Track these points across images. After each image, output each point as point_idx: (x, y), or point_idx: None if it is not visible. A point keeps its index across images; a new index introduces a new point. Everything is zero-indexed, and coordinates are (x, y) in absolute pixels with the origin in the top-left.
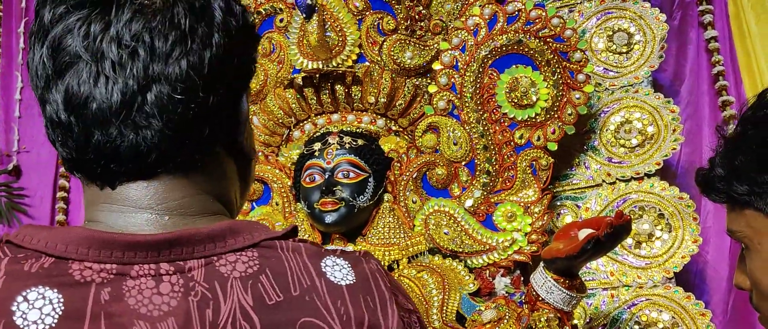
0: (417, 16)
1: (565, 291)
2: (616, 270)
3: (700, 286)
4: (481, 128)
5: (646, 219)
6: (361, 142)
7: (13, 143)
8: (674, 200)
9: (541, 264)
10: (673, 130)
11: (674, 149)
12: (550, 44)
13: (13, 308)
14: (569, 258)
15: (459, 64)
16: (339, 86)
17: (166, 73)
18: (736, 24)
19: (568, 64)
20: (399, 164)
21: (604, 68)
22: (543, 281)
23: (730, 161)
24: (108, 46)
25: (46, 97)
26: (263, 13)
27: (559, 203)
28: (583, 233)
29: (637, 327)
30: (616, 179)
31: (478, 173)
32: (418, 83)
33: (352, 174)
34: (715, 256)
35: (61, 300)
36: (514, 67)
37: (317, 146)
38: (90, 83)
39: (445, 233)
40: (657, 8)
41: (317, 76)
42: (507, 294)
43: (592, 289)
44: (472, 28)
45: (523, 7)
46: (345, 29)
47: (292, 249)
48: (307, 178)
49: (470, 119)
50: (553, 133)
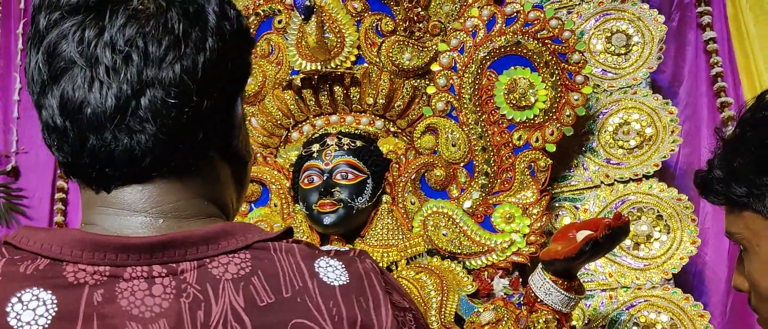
0: (415, 18)
1: (563, 292)
2: (614, 271)
3: (698, 287)
4: (480, 130)
5: (645, 221)
6: (359, 143)
7: (12, 144)
8: (673, 202)
9: (540, 266)
10: (672, 131)
11: (673, 150)
12: (549, 46)
13: (8, 309)
14: (567, 260)
15: (457, 65)
16: (337, 87)
17: (160, 77)
18: (735, 25)
19: (566, 66)
20: (397, 166)
21: (603, 70)
22: (541, 282)
23: (728, 163)
24: (102, 51)
25: (42, 102)
26: (262, 14)
27: (557, 205)
28: (582, 235)
29: (635, 328)
30: (615, 180)
31: (476, 175)
32: (416, 84)
33: (350, 176)
34: (714, 257)
35: (55, 302)
36: (513, 68)
37: (316, 147)
38: (85, 88)
39: (444, 235)
40: (655, 10)
41: (316, 77)
42: (505, 296)
43: (591, 290)
44: (471, 29)
45: (522, 8)
46: (343, 30)
47: (285, 250)
48: (306, 179)
49: (469, 121)
50: (552, 134)
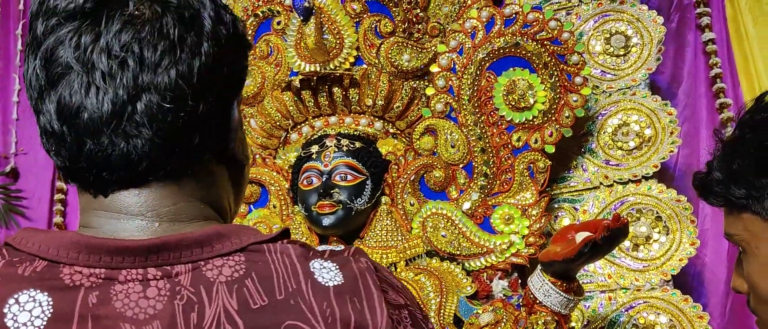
0: (414, 19)
1: (562, 294)
2: (613, 272)
3: (697, 289)
4: (479, 131)
5: (644, 222)
6: (358, 145)
7: (11, 145)
8: (672, 203)
9: (539, 267)
10: (671, 132)
11: (672, 151)
12: (548, 47)
13: (5, 310)
14: (566, 261)
15: (456, 66)
16: (336, 88)
17: (156, 82)
18: (734, 27)
19: (565, 67)
20: (396, 167)
21: (602, 71)
22: (540, 284)
23: (727, 164)
24: (98, 56)
25: (40, 107)
26: (260, 15)
27: (556, 206)
28: (581, 236)
29: None
30: (614, 181)
31: (475, 176)
32: (415, 85)
33: (349, 177)
34: (713, 259)
35: (51, 303)
36: (512, 69)
37: (315, 148)
38: (81, 93)
39: (443, 236)
40: (654, 11)
41: (315, 78)
42: (504, 297)
43: (590, 292)
44: (470, 30)
45: (521, 9)
46: (342, 32)
47: (280, 252)
48: (305, 181)
49: (468, 122)
50: (551, 135)
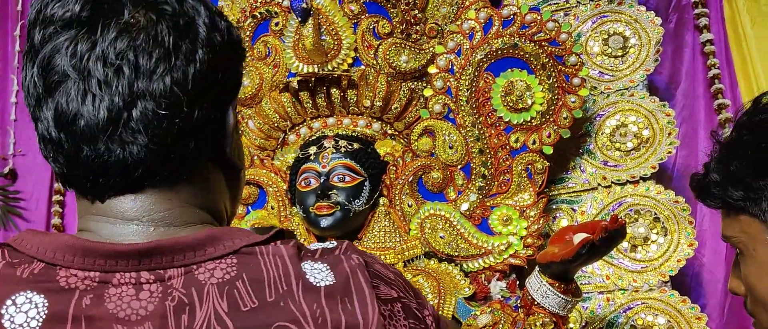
0: (412, 20)
1: (560, 295)
2: (611, 273)
3: (696, 290)
4: (477, 132)
5: (642, 223)
6: (356, 146)
7: (9, 147)
8: (670, 204)
9: (537, 268)
10: (669, 133)
11: (670, 152)
12: (546, 48)
13: (3, 311)
14: (564, 262)
15: (454, 67)
16: (334, 89)
17: (151, 89)
18: (732, 27)
19: (563, 68)
20: (394, 168)
21: (600, 72)
22: (538, 285)
23: (725, 166)
24: (94, 64)
25: (38, 114)
26: (258, 16)
27: (554, 207)
28: (579, 238)
29: None
30: (612, 182)
31: (473, 177)
32: (413, 86)
33: (347, 178)
34: (711, 260)
35: (46, 305)
36: (510, 70)
37: (313, 149)
38: (78, 100)
39: (441, 237)
40: (652, 12)
41: (313, 79)
42: (502, 299)
43: (588, 293)
44: (468, 31)
45: (519, 10)
46: (340, 33)
47: (272, 253)
48: (303, 182)
49: (466, 123)
50: (549, 136)
